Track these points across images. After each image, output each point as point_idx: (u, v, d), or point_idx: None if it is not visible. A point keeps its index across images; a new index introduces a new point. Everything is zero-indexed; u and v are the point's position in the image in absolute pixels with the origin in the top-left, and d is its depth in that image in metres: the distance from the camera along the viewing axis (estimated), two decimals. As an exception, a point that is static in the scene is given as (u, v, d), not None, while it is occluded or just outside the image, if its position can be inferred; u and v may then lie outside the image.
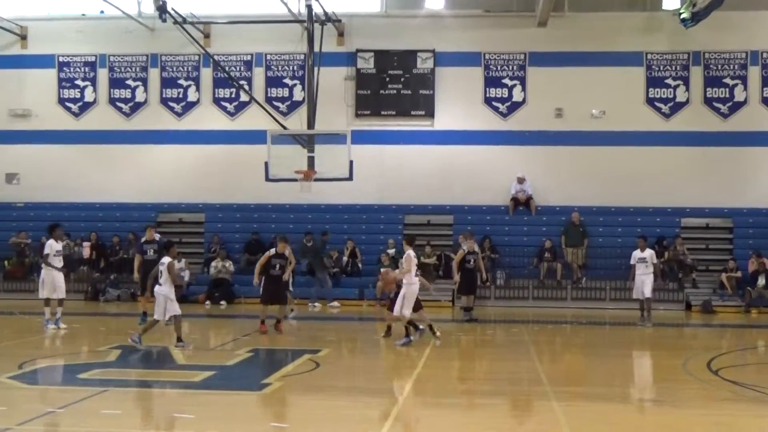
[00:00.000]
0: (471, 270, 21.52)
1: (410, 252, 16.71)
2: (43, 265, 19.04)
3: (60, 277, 18.87)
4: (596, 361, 15.96)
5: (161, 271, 15.73)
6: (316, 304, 24.96)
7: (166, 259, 15.85)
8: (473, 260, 21.50)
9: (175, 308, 15.75)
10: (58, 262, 18.94)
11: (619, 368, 15.07)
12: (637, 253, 20.94)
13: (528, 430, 10.26)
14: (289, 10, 26.33)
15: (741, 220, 27.65)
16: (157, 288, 15.89)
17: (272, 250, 18.96)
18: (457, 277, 21.44)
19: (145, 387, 12.62)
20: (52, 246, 18.97)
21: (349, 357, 16.55)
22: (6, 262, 26.67)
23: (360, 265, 26.82)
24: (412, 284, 16.49)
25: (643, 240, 21.49)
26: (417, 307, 17.02)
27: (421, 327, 17.08)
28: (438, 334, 16.97)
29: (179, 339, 15.84)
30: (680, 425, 9.97)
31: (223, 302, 25.46)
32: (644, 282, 20.66)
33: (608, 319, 23.21)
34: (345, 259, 26.84)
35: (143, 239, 21.05)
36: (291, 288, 20.63)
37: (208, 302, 25.45)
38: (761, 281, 25.04)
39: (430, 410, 10.93)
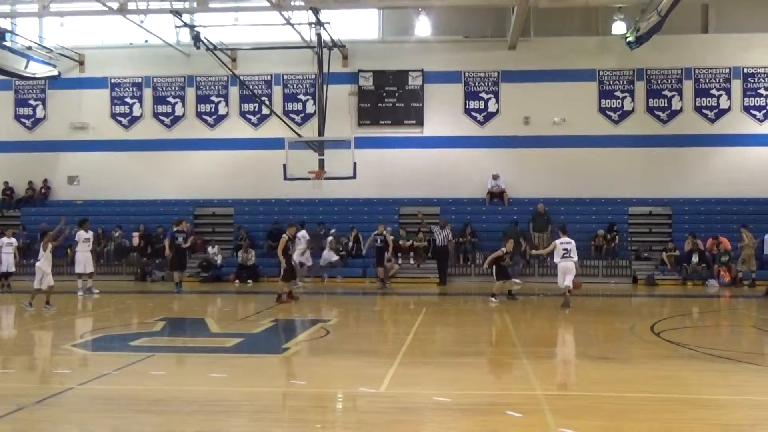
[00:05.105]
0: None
1: (556, 241, 18.07)
2: (77, 249, 21.37)
3: (88, 257, 21.22)
4: (559, 326, 15.95)
5: (41, 250, 17.27)
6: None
7: (42, 242, 17.47)
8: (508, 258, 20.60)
9: (50, 280, 17.11)
10: (87, 247, 21.30)
11: (578, 332, 15.09)
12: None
13: (503, 382, 10.27)
14: (302, 38, 26.29)
15: (678, 208, 27.63)
16: (37, 263, 17.29)
17: (285, 236, 19.00)
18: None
19: (185, 352, 12.61)
20: (81, 235, 21.28)
21: (355, 325, 16.55)
22: (68, 250, 26.59)
23: (363, 248, 26.79)
24: (559, 263, 17.87)
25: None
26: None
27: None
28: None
29: (47, 302, 17.02)
30: (628, 378, 9.98)
31: (249, 281, 25.42)
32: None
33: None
34: (350, 244, 26.83)
35: (175, 229, 22.56)
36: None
37: (237, 281, 25.42)
38: (695, 259, 25.05)
39: (422, 368, 10.92)
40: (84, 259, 21.17)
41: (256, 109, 29.40)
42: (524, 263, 25.49)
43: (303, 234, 24.03)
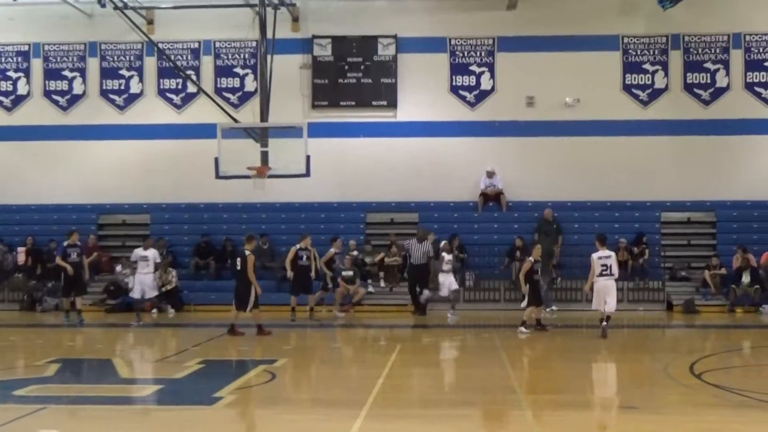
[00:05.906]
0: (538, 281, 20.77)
1: (593, 255, 18.70)
2: None
3: None
4: (573, 366, 15.98)
5: None
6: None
7: None
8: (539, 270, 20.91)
9: None
10: None
11: (597, 374, 15.16)
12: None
13: (500, 442, 10.31)
14: (239, -7, 26.27)
15: (724, 213, 27.87)
16: None
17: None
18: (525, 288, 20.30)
19: (87, 404, 12.48)
20: None
21: (308, 367, 16.49)
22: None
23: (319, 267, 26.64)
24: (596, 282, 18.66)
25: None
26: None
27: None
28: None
29: None
30: (662, 433, 10.06)
31: (171, 310, 25.25)
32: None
33: (585, 322, 23.28)
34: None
35: (66, 243, 22.37)
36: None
37: (155, 310, 25.18)
38: (746, 278, 25.22)
39: (395, 423, 10.91)
40: None
41: (180, 87, 29.30)
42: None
43: (153, 254, 23.34)
